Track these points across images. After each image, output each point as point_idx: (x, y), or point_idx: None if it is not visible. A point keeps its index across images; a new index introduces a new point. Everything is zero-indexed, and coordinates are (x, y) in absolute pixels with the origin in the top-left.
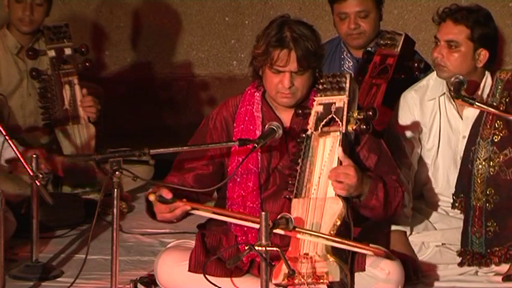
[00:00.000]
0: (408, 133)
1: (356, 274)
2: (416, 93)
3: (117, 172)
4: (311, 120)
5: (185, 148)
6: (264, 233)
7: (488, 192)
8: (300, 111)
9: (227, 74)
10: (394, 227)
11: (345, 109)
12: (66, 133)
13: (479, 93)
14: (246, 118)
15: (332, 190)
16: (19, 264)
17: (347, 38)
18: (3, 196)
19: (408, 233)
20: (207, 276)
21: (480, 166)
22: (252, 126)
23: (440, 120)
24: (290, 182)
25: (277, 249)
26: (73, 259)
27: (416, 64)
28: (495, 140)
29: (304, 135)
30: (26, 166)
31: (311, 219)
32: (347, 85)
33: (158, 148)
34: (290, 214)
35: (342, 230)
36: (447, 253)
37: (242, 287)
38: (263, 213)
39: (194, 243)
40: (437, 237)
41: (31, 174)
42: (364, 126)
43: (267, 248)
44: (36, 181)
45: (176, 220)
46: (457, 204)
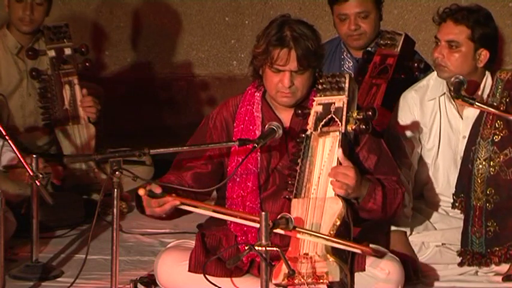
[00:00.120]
0: (408, 133)
1: (356, 274)
2: (416, 93)
3: (117, 172)
4: (310, 120)
5: (185, 148)
6: (264, 233)
7: (488, 192)
8: (300, 111)
9: (227, 74)
10: (394, 227)
11: (344, 109)
12: (66, 133)
13: (479, 93)
14: (246, 118)
15: (332, 190)
16: (19, 264)
17: (347, 39)
18: (3, 196)
19: (408, 233)
20: (207, 276)
21: (480, 166)
22: (252, 126)
23: (440, 120)
24: (290, 182)
25: (277, 249)
26: (73, 259)
27: (416, 64)
28: (495, 140)
29: (303, 135)
30: (26, 166)
31: (311, 219)
32: (346, 85)
33: (158, 148)
34: (290, 214)
35: (342, 230)
36: (447, 253)
37: (242, 287)
38: (263, 213)
39: (194, 243)
40: (437, 237)
41: (31, 174)
42: (363, 126)
43: (267, 248)
44: (36, 181)
45: (165, 215)
46: (457, 204)
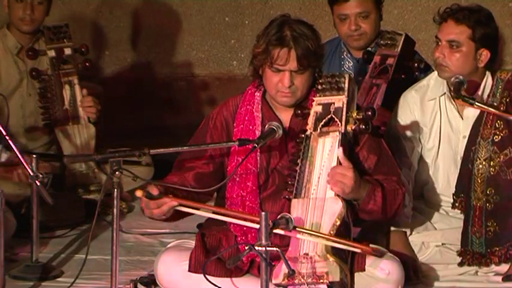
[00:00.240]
0: (408, 133)
1: (356, 274)
2: (416, 93)
3: (117, 172)
4: (310, 120)
5: (185, 148)
6: (264, 233)
7: (488, 192)
8: (299, 111)
9: (227, 74)
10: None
11: (344, 109)
12: (66, 133)
13: (479, 93)
14: (246, 118)
15: (332, 190)
16: (19, 264)
17: (348, 39)
18: (3, 196)
19: (408, 233)
20: (207, 276)
21: (480, 166)
22: (252, 126)
23: (440, 120)
24: (289, 183)
25: (277, 249)
26: (73, 259)
27: (416, 64)
28: (495, 140)
29: (303, 135)
30: (26, 166)
31: (311, 219)
32: (346, 85)
33: (158, 148)
34: (290, 214)
35: (342, 230)
36: (447, 253)
37: (242, 287)
38: (263, 213)
39: (194, 243)
40: (437, 237)
41: (31, 174)
42: (363, 126)
43: (267, 248)
44: (36, 181)
45: (164, 216)
46: (457, 204)
